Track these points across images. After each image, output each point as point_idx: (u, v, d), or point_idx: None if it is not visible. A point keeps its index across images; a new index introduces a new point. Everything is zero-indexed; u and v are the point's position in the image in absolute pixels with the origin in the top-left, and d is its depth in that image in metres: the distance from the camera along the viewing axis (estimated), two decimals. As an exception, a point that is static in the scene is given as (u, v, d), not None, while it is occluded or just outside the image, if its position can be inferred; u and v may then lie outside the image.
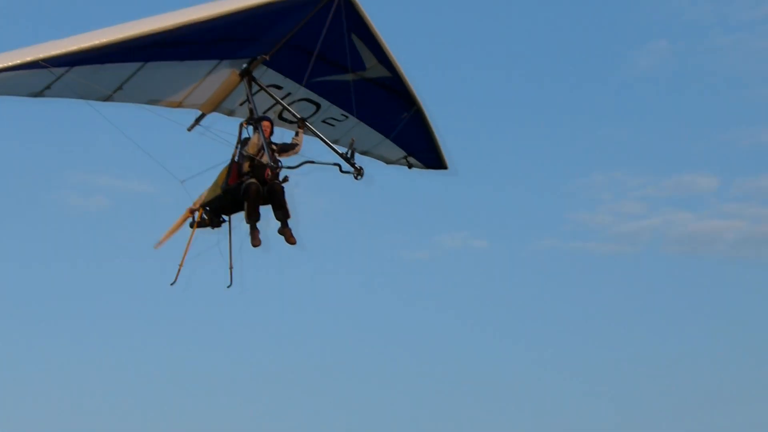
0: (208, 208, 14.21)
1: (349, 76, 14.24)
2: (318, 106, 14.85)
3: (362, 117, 14.99)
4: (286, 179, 13.53)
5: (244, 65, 13.90)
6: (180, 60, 13.10)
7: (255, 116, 13.75)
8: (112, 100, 13.30)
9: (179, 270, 14.11)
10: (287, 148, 14.06)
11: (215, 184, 14.05)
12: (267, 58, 13.70)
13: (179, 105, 14.24)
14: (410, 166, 15.83)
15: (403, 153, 15.70)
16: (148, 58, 12.67)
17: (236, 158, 13.81)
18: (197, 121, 14.65)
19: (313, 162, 13.79)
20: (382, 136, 15.43)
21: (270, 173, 13.47)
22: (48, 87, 12.31)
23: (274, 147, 13.88)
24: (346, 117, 15.07)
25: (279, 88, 14.46)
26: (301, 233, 13.37)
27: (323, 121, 15.07)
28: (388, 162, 15.85)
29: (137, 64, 12.75)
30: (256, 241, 13.46)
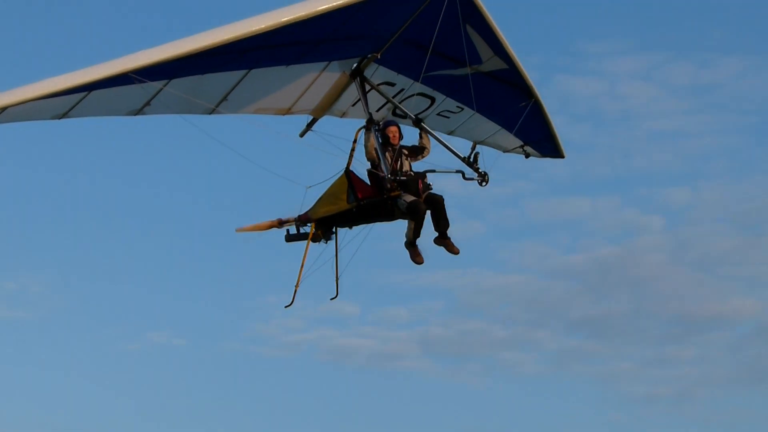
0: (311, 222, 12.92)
1: (465, 70, 12.73)
2: (432, 99, 13.44)
3: (479, 109, 13.58)
4: (430, 187, 12.28)
5: (354, 65, 12.43)
6: (286, 64, 11.68)
7: (376, 121, 12.31)
8: (217, 113, 12.00)
9: (296, 291, 12.78)
10: (416, 152, 12.65)
11: (334, 196, 12.63)
12: (378, 56, 12.20)
13: (288, 112, 12.88)
14: (527, 155, 14.44)
15: (519, 142, 14.29)
16: (253, 64, 11.29)
17: (373, 167, 12.32)
18: (309, 126, 13.30)
19: (434, 171, 12.39)
20: (498, 126, 14.03)
21: (422, 184, 12.20)
22: (147, 103, 11.04)
23: (405, 152, 12.41)
24: (462, 109, 13.71)
25: (392, 84, 13.07)
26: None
27: (438, 114, 13.76)
28: (505, 150, 14.48)
29: (241, 72, 11.39)
30: (420, 258, 12.32)
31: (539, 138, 14.18)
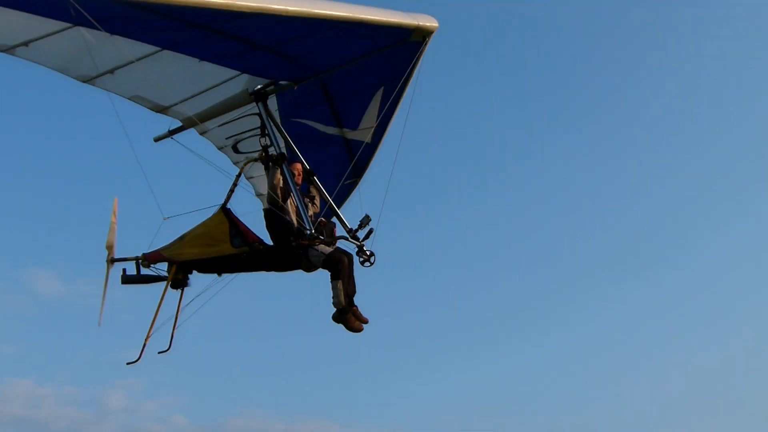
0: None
1: (332, 130, 11.20)
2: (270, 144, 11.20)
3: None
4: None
5: (259, 86, 10.24)
6: (201, 58, 9.32)
7: (279, 154, 10.03)
8: (93, 84, 9.46)
9: (144, 345, 10.11)
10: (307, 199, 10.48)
11: (210, 237, 10.11)
12: (295, 87, 10.11)
13: (164, 111, 10.37)
14: None
15: None
16: (171, 44, 8.88)
17: (270, 207, 9.93)
18: (171, 133, 10.77)
19: (346, 238, 9.89)
20: None
21: (335, 234, 9.83)
22: (26, 43, 8.33)
23: (308, 199, 10.30)
24: None
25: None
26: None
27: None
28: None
29: (152, 48, 8.94)
30: (358, 324, 9.69)
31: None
